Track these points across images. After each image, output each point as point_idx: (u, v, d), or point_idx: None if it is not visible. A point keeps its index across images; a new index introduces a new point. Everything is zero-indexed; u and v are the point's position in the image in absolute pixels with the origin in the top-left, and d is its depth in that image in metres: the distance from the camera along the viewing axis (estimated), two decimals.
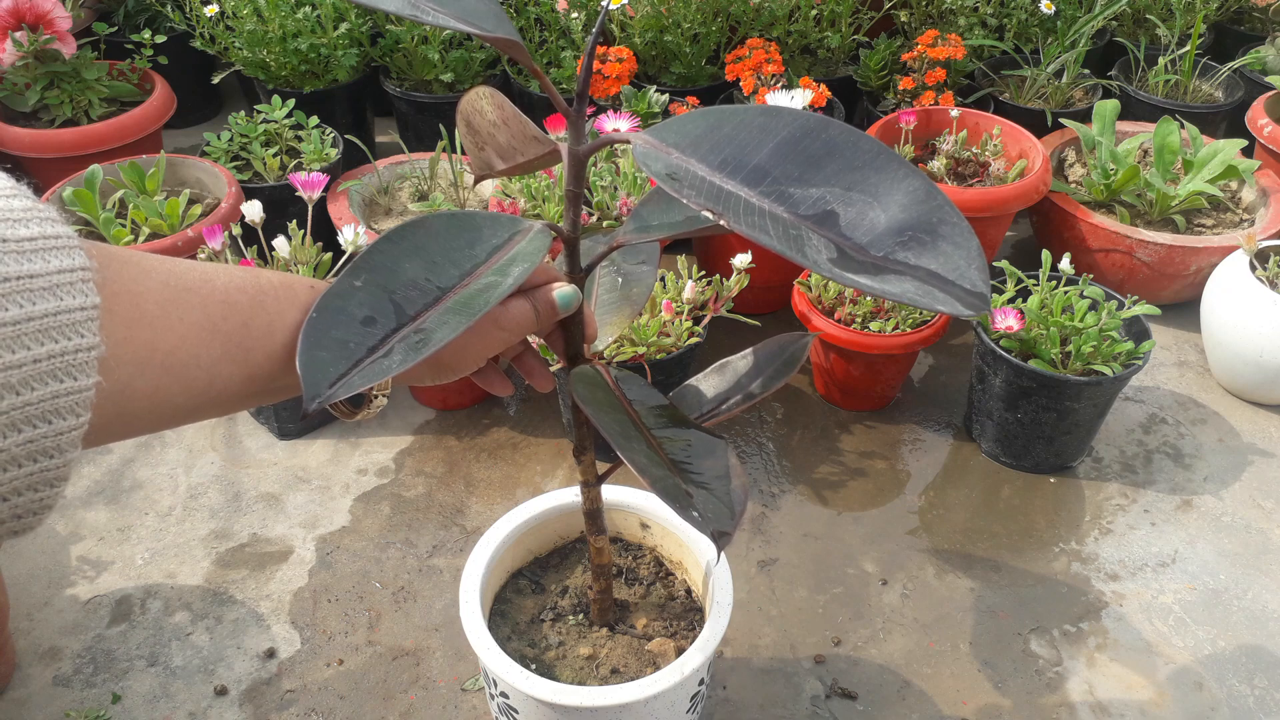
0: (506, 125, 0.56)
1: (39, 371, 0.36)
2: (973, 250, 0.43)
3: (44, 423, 0.37)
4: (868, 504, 1.21)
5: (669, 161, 0.47)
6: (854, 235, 0.44)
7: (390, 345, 0.46)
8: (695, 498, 0.54)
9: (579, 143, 0.54)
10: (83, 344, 0.37)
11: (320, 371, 0.45)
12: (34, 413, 0.36)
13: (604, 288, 0.73)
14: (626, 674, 0.81)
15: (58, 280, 0.37)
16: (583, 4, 1.64)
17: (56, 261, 0.37)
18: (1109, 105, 1.56)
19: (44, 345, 0.36)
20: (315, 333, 0.46)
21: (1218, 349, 1.36)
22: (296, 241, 1.21)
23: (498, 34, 0.47)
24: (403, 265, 0.49)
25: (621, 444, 0.55)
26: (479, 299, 0.48)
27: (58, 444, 0.37)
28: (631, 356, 1.13)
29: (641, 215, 0.59)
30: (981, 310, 0.42)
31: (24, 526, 0.39)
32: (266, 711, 0.98)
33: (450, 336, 0.46)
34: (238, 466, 1.24)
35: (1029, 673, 1.02)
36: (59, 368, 0.37)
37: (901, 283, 0.42)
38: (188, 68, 1.82)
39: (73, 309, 0.37)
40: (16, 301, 0.36)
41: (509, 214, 0.54)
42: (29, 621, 1.05)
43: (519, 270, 0.50)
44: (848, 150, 0.46)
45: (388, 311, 0.47)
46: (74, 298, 0.37)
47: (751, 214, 0.44)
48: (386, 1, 0.46)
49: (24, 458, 0.37)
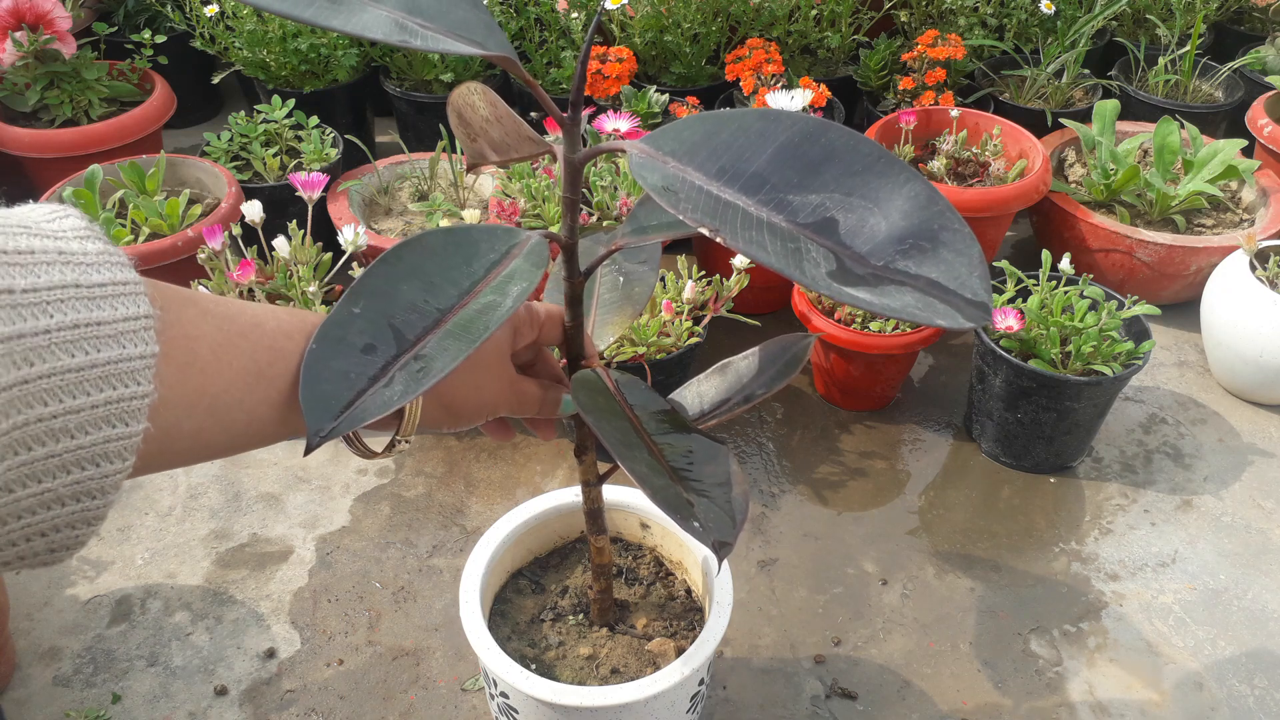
0: (500, 123, 0.56)
1: (95, 417, 0.37)
2: (974, 257, 0.42)
3: (92, 465, 0.37)
4: (868, 504, 1.21)
5: (665, 172, 0.46)
6: (854, 243, 0.43)
7: (391, 374, 0.46)
8: (696, 507, 0.54)
9: (574, 150, 0.53)
10: (138, 391, 0.38)
11: (323, 405, 0.44)
12: (84, 456, 0.37)
13: (605, 287, 0.73)
14: (626, 674, 0.81)
15: (122, 328, 0.38)
16: (583, 4, 1.64)
17: (123, 309, 0.38)
18: (1109, 105, 1.56)
19: (103, 392, 0.37)
20: (316, 365, 0.45)
21: (1218, 349, 1.36)
22: (296, 241, 1.21)
23: (490, 50, 0.46)
24: (400, 288, 0.48)
25: (623, 453, 0.55)
26: (478, 322, 0.48)
27: (102, 486, 0.38)
28: (631, 356, 1.14)
29: (638, 217, 0.59)
30: (983, 321, 0.41)
31: (55, 559, 0.40)
32: (266, 711, 0.98)
33: (451, 365, 0.46)
34: (238, 466, 1.24)
35: (1029, 673, 1.02)
36: (113, 414, 0.37)
37: (902, 295, 0.41)
38: (188, 68, 1.82)
39: (133, 357, 0.38)
40: (83, 349, 0.36)
41: (506, 224, 0.54)
42: (29, 621, 1.05)
43: (518, 290, 0.49)
44: (847, 155, 0.45)
45: (387, 338, 0.47)
46: (135, 346, 0.38)
47: (750, 227, 0.43)
48: (373, 30, 0.44)
49: (68, 497, 0.37)
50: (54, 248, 0.37)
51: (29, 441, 0.35)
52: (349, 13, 0.44)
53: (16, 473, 0.35)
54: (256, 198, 1.23)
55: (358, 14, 0.44)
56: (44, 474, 0.36)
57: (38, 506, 0.37)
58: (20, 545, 0.38)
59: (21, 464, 0.35)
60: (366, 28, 0.44)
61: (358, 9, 0.44)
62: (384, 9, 0.45)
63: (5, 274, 0.35)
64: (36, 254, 0.36)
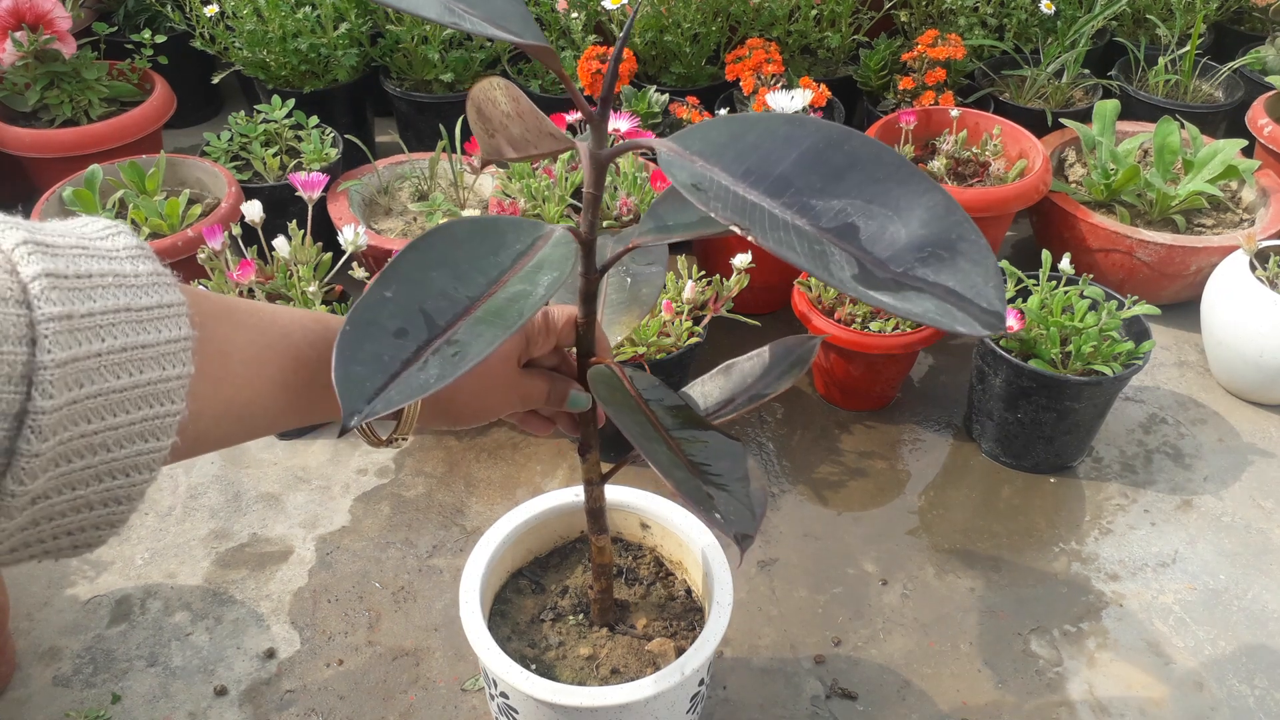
0: (521, 118, 0.56)
1: (130, 433, 0.39)
2: (990, 268, 0.43)
3: (123, 475, 0.39)
4: (868, 504, 1.21)
5: (693, 170, 0.47)
6: (874, 250, 0.43)
7: (425, 358, 0.46)
8: (717, 500, 0.55)
9: (600, 146, 0.54)
10: (171, 410, 0.40)
11: (357, 388, 0.44)
12: (116, 467, 0.39)
13: (613, 288, 0.73)
14: (626, 674, 0.81)
15: (164, 350, 0.39)
16: (583, 4, 1.64)
17: (167, 332, 0.40)
18: (1109, 105, 1.56)
19: (140, 410, 0.39)
20: (349, 347, 0.45)
21: (1218, 349, 1.36)
22: (296, 241, 1.21)
23: (526, 40, 0.47)
24: (430, 275, 0.49)
25: (643, 444, 0.56)
26: (511, 309, 0.48)
27: (129, 493, 0.40)
28: (632, 356, 1.13)
29: (659, 214, 0.59)
30: (998, 330, 0.42)
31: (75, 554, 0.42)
32: (266, 711, 0.98)
33: (486, 351, 0.45)
34: (238, 466, 1.24)
35: (1029, 673, 1.02)
36: (147, 430, 0.39)
37: (922, 301, 0.42)
38: (188, 68, 1.82)
39: (170, 378, 0.40)
40: (128, 370, 0.38)
41: (529, 219, 0.55)
42: (29, 621, 1.05)
43: (549, 279, 0.50)
44: (870, 163, 0.46)
45: (419, 323, 0.47)
46: (174, 367, 0.40)
47: (777, 228, 0.44)
48: (426, 8, 0.45)
49: (98, 503, 0.39)
50: (110, 270, 0.39)
51: (70, 455, 0.37)
52: None
53: (55, 481, 0.37)
54: (256, 198, 1.23)
55: None
56: (79, 482, 0.38)
57: (69, 510, 0.39)
58: (48, 543, 0.40)
59: (61, 474, 0.37)
60: (420, 7, 0.45)
61: None
62: None
63: (68, 299, 0.37)
64: (94, 277, 0.38)
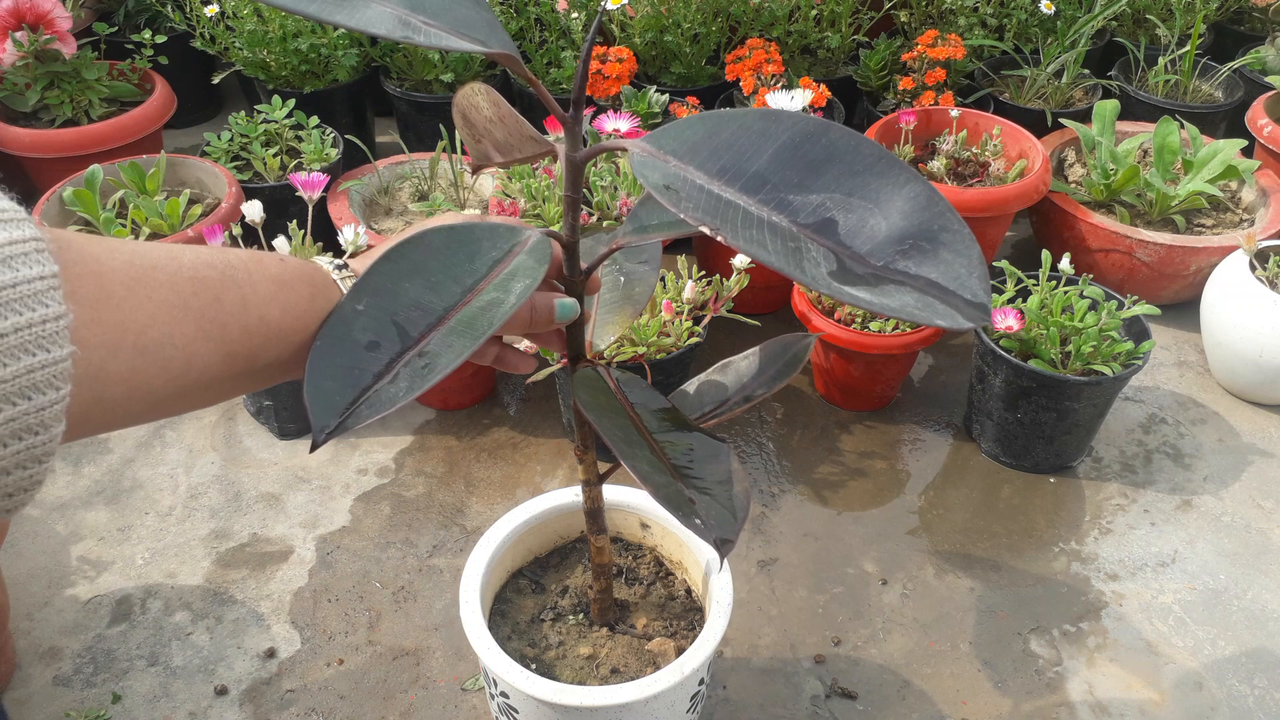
0: (503, 123, 0.56)
1: (8, 346, 0.36)
2: (974, 258, 0.42)
3: (23, 399, 0.36)
4: (868, 504, 1.21)
5: (666, 170, 0.46)
6: (854, 244, 0.43)
7: (395, 370, 0.46)
8: (698, 504, 0.54)
9: (575, 149, 0.53)
10: (49, 314, 0.37)
11: (327, 402, 0.44)
12: (12, 389, 0.36)
13: (606, 287, 0.73)
14: (626, 674, 0.81)
15: (9, 252, 0.36)
16: (583, 4, 1.64)
17: (4, 234, 0.36)
18: (1109, 105, 1.56)
19: (8, 319, 0.36)
20: (320, 361, 0.45)
21: (1218, 349, 1.36)
22: (297, 241, 1.20)
23: (492, 48, 0.46)
24: (403, 285, 0.48)
25: (624, 450, 0.55)
26: (482, 319, 0.48)
27: (41, 419, 0.37)
28: (631, 356, 1.13)
29: (639, 216, 0.59)
30: (982, 321, 0.41)
31: (14, 504, 0.39)
32: (266, 711, 0.98)
33: (455, 363, 0.46)
34: (238, 466, 1.24)
35: (1029, 673, 1.02)
36: (29, 340, 0.36)
37: (901, 295, 0.41)
38: (188, 68, 1.82)
39: (31, 279, 0.36)
40: None
41: (508, 222, 0.54)
42: (29, 621, 1.05)
43: (520, 287, 0.49)
44: (848, 155, 0.45)
45: (391, 335, 0.47)
46: (30, 268, 0.37)
47: (750, 226, 0.43)
48: (377, 25, 0.44)
49: (9, 436, 0.37)
50: None
51: None
52: (352, 9, 0.44)
53: None
54: (257, 198, 1.23)
55: (361, 10, 0.44)
56: None
57: None
58: None
59: None
60: (370, 23, 0.44)
61: (361, 5, 0.44)
62: (388, 6, 0.45)
63: None
64: None
